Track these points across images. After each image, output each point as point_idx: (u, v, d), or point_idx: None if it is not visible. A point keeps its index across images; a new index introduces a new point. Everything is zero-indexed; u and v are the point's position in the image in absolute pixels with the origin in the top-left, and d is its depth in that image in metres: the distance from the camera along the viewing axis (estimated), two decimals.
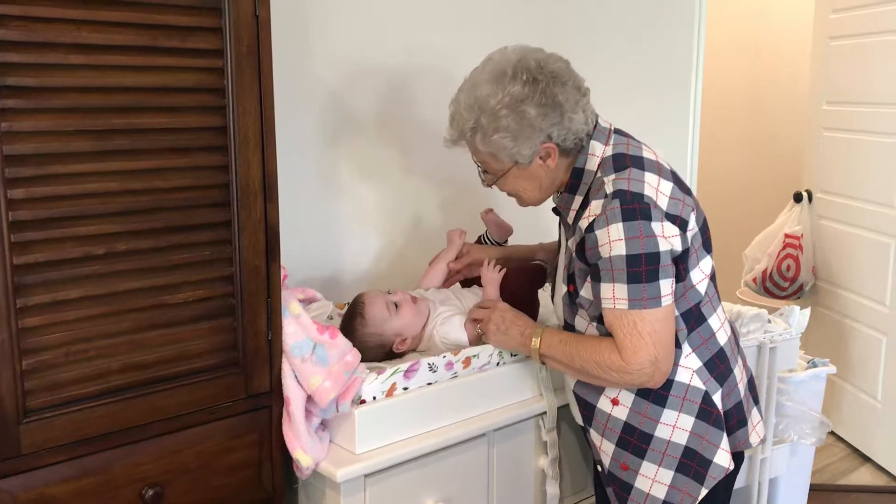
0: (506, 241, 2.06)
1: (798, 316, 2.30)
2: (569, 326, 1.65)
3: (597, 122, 1.60)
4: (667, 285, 1.46)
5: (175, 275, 1.39)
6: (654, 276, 1.44)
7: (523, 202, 1.68)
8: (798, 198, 3.54)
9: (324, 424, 1.59)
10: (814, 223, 3.50)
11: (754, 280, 3.57)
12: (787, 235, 3.48)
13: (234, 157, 1.40)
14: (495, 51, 1.59)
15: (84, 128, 1.27)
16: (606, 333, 1.52)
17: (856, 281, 3.28)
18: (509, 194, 1.68)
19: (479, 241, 2.06)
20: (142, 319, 1.36)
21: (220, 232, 1.42)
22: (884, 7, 3.07)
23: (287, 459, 1.55)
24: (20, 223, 1.23)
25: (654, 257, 1.44)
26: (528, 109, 1.50)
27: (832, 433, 3.40)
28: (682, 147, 2.98)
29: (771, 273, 3.49)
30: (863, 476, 3.18)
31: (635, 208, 1.45)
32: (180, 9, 1.32)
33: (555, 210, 1.69)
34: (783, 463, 2.36)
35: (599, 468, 1.66)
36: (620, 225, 1.44)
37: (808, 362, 2.46)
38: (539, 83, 1.50)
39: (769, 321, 2.25)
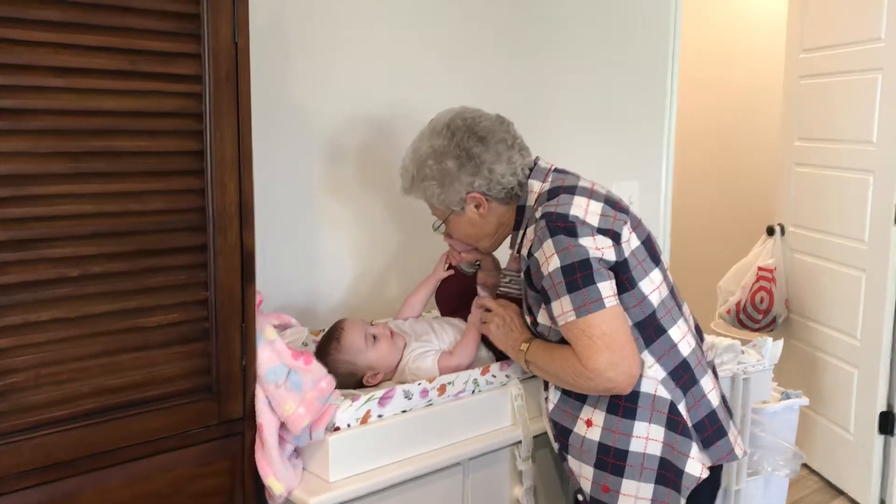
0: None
1: (771, 347, 2.32)
2: None
3: (536, 163, 1.73)
4: (606, 287, 1.52)
5: (149, 298, 1.38)
6: (590, 280, 1.51)
7: (481, 248, 1.82)
8: (771, 231, 3.59)
9: (297, 452, 1.58)
10: (787, 256, 3.54)
11: (728, 312, 3.61)
12: (760, 268, 3.52)
13: (211, 182, 1.41)
14: (442, 111, 1.75)
15: (61, 150, 1.27)
16: None
17: (828, 314, 3.32)
18: (467, 242, 1.81)
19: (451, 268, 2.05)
20: (114, 343, 1.35)
21: (195, 256, 1.42)
22: (851, 48, 3.15)
23: (259, 487, 1.53)
24: None
25: (586, 263, 1.52)
26: (447, 161, 1.67)
27: (805, 466, 3.41)
28: (655, 180, 3.01)
29: (744, 305, 3.52)
30: None
31: (559, 226, 1.55)
32: (160, 34, 1.33)
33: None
34: (758, 495, 2.37)
35: (581, 497, 1.66)
36: (550, 241, 1.54)
37: (781, 394, 2.48)
38: (455, 137, 1.67)
39: (742, 352, 2.27)
